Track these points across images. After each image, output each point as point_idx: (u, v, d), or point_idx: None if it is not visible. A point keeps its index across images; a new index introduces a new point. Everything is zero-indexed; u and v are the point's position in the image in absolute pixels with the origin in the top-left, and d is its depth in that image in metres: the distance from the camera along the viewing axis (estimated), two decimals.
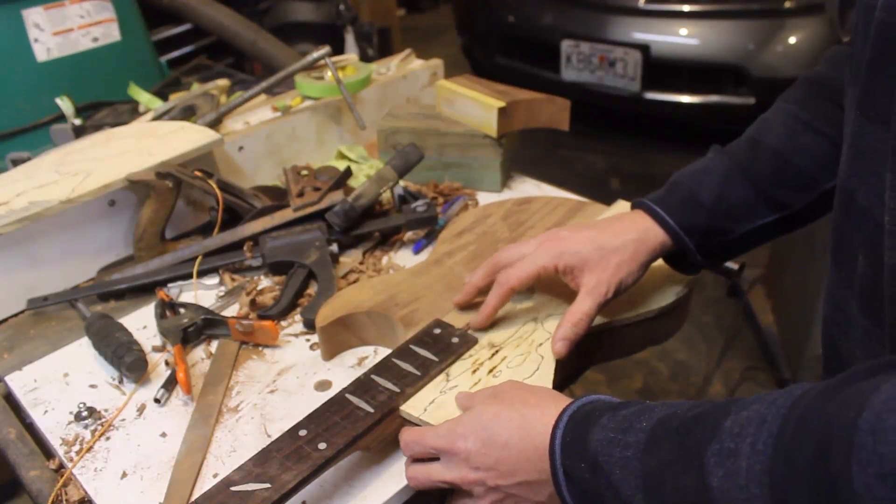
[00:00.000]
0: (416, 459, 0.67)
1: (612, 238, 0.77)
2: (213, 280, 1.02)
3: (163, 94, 1.52)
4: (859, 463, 0.38)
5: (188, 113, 1.30)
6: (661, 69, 3.22)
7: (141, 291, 1.01)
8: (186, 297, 1.00)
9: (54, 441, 0.78)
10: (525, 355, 0.77)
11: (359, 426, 0.67)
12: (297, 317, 0.95)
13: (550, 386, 0.72)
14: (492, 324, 0.82)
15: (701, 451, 0.47)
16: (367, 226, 1.07)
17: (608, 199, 1.07)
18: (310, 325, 0.91)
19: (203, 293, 1.01)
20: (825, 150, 0.77)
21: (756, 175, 0.78)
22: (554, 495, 0.58)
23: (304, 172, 1.13)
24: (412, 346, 0.77)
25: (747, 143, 0.82)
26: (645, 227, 0.78)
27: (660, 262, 0.82)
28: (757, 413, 0.45)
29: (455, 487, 0.64)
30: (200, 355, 0.90)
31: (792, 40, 3.03)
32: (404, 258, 1.06)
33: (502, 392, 0.65)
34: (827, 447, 0.40)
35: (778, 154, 0.78)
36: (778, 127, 0.80)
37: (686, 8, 3.16)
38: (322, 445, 0.64)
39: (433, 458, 0.66)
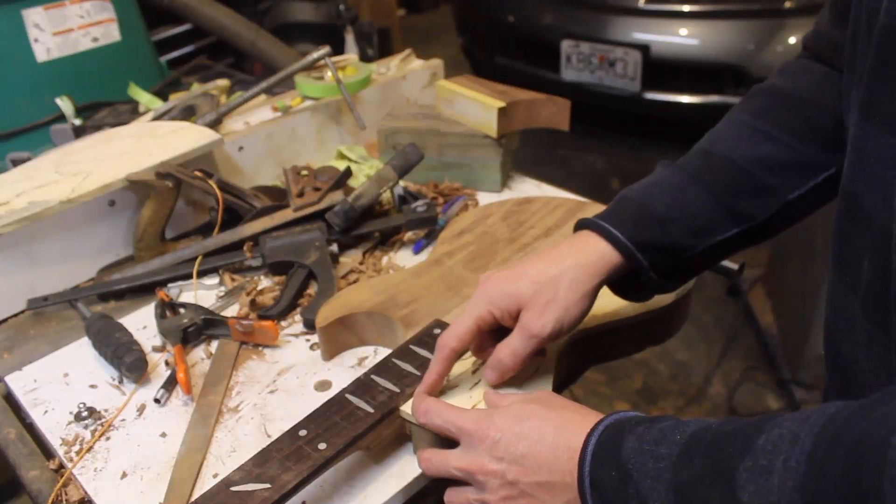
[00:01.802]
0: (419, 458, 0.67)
1: (546, 268, 0.68)
2: (213, 280, 1.02)
3: (163, 94, 1.53)
4: (891, 480, 0.38)
5: (188, 113, 1.30)
6: (661, 69, 3.22)
7: (141, 291, 1.01)
8: (186, 297, 1.00)
9: (54, 441, 0.78)
10: None
11: (359, 426, 0.67)
12: (297, 317, 0.95)
13: (550, 386, 0.72)
14: None
15: (732, 467, 0.47)
16: (367, 226, 1.07)
17: (608, 199, 1.07)
18: (310, 326, 0.91)
19: (203, 293, 1.01)
20: (786, 159, 0.71)
21: (713, 186, 0.71)
22: (570, 502, 0.57)
23: (304, 172, 1.13)
24: (412, 346, 0.77)
25: (699, 155, 0.74)
26: (588, 250, 0.69)
27: None
28: (790, 431, 0.45)
29: (466, 478, 0.62)
30: (200, 355, 0.90)
31: (792, 40, 3.03)
32: (404, 258, 1.06)
33: (540, 398, 0.64)
34: (859, 464, 0.40)
35: (734, 164, 0.72)
36: (732, 137, 0.74)
37: (686, 8, 3.16)
38: (322, 445, 0.64)
39: (449, 446, 0.64)
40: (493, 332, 0.72)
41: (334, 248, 1.03)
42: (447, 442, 0.66)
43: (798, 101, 0.74)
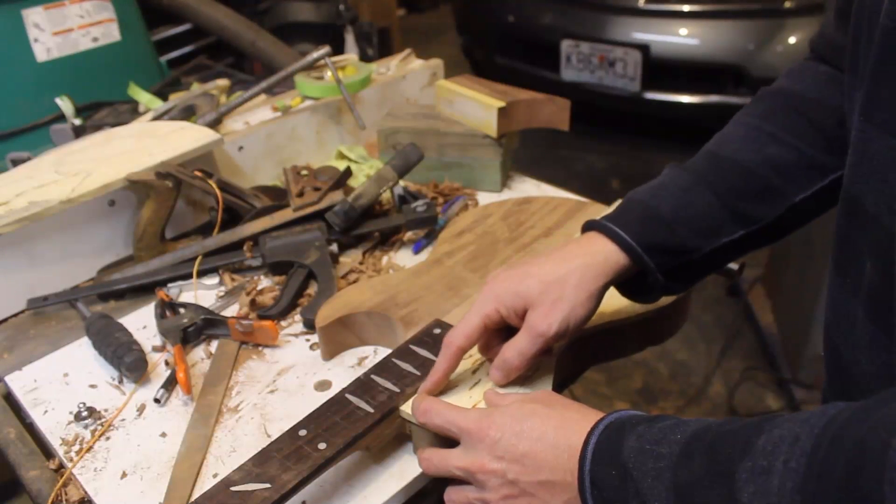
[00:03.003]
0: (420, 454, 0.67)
1: (553, 268, 0.68)
2: (213, 280, 1.02)
3: (163, 94, 1.53)
4: (891, 483, 0.38)
5: (188, 113, 1.30)
6: (661, 69, 3.22)
7: (141, 291, 1.01)
8: (186, 297, 1.00)
9: (54, 441, 0.78)
10: None
11: (359, 426, 0.67)
12: (297, 317, 0.95)
13: (550, 386, 0.72)
14: None
15: (733, 467, 0.47)
16: (367, 226, 1.07)
17: (608, 199, 1.07)
18: (310, 325, 0.91)
19: (203, 293, 1.01)
20: (792, 161, 0.71)
21: (719, 188, 0.71)
22: (571, 501, 0.57)
23: (304, 172, 1.13)
24: (412, 346, 0.77)
25: (706, 156, 0.75)
26: (595, 250, 0.70)
27: None
28: (790, 432, 0.45)
29: (466, 477, 0.62)
30: (200, 355, 0.90)
31: (792, 40, 3.03)
32: (404, 258, 1.06)
33: (540, 397, 0.64)
34: (859, 467, 0.40)
35: (741, 166, 0.72)
36: (739, 139, 0.74)
37: (686, 8, 3.16)
38: (322, 445, 0.64)
39: (449, 445, 0.64)
40: (500, 330, 0.72)
41: (334, 247, 1.03)
42: (447, 441, 0.66)
43: (804, 103, 0.74)
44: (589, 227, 0.73)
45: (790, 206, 0.72)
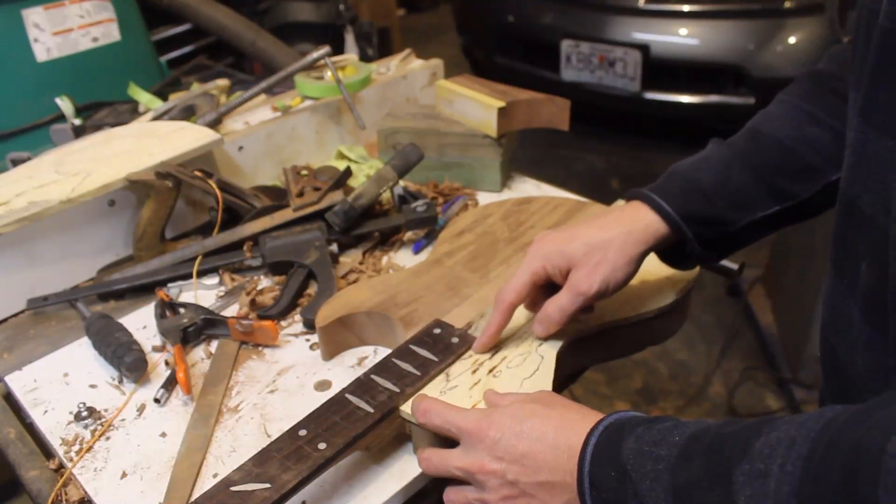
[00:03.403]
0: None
1: (597, 233, 0.73)
2: (213, 280, 1.02)
3: (163, 94, 1.52)
4: (886, 487, 0.38)
5: (188, 113, 1.30)
6: (661, 69, 3.22)
7: (141, 291, 1.01)
8: (186, 297, 1.00)
9: (54, 441, 0.78)
10: (525, 356, 0.76)
11: (359, 426, 0.67)
12: (297, 317, 0.95)
13: (550, 387, 0.72)
14: None
15: (730, 470, 0.47)
16: (367, 226, 1.07)
17: (608, 199, 1.07)
18: (310, 325, 0.91)
19: (203, 293, 1.01)
20: (829, 140, 0.74)
21: (757, 163, 0.75)
22: (570, 502, 0.57)
23: (304, 172, 1.13)
24: (412, 346, 0.77)
25: (748, 133, 0.79)
26: (637, 218, 0.74)
27: (660, 262, 0.82)
28: (787, 435, 0.46)
29: (466, 478, 0.63)
30: (200, 355, 0.90)
31: (792, 40, 3.03)
32: (404, 258, 1.06)
33: (540, 398, 0.65)
34: (855, 471, 0.40)
35: (780, 143, 0.75)
36: (780, 118, 0.78)
37: (686, 8, 3.16)
38: (322, 445, 0.64)
39: (449, 445, 0.65)
40: (544, 289, 0.77)
41: (334, 247, 1.03)
42: (447, 441, 0.66)
43: (844, 85, 0.75)
44: (632, 196, 0.77)
45: (825, 184, 0.74)
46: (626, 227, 0.74)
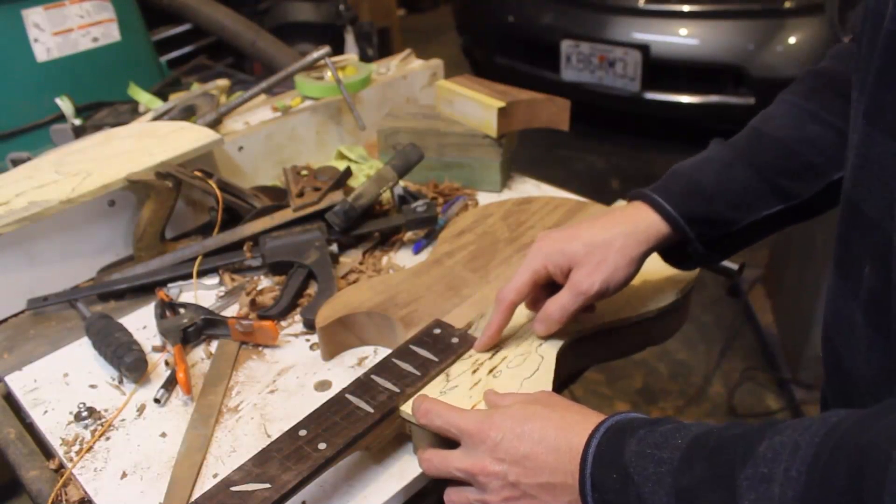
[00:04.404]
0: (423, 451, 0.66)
1: (599, 233, 0.73)
2: (213, 280, 1.02)
3: (163, 94, 1.53)
4: (892, 495, 0.38)
5: (188, 113, 1.30)
6: (661, 69, 3.22)
7: (141, 291, 1.01)
8: (186, 297, 1.00)
9: (54, 441, 0.78)
10: (525, 356, 0.76)
11: (359, 426, 0.67)
12: (297, 317, 0.95)
13: (550, 387, 0.72)
14: None
15: (734, 474, 0.47)
16: (367, 226, 1.07)
17: (608, 199, 1.07)
18: (310, 325, 0.91)
19: (203, 293, 1.01)
20: (832, 140, 0.74)
21: (760, 163, 0.75)
22: (572, 503, 0.57)
23: (304, 172, 1.13)
24: (412, 346, 0.77)
25: (750, 133, 0.78)
26: (639, 219, 0.74)
27: (661, 262, 0.82)
28: (791, 439, 0.45)
29: (467, 479, 0.63)
30: (200, 355, 0.90)
31: (792, 40, 3.03)
32: (404, 258, 1.06)
33: (541, 398, 0.64)
34: (860, 477, 0.40)
35: (782, 143, 0.75)
36: (782, 118, 0.77)
37: (686, 8, 3.16)
38: (322, 445, 0.64)
39: (449, 446, 0.65)
40: (545, 288, 0.77)
41: (334, 248, 1.03)
42: (447, 442, 0.66)
43: (847, 84, 0.75)
44: (634, 196, 0.77)
45: (828, 183, 0.74)
46: (628, 227, 0.73)
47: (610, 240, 0.73)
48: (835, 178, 0.74)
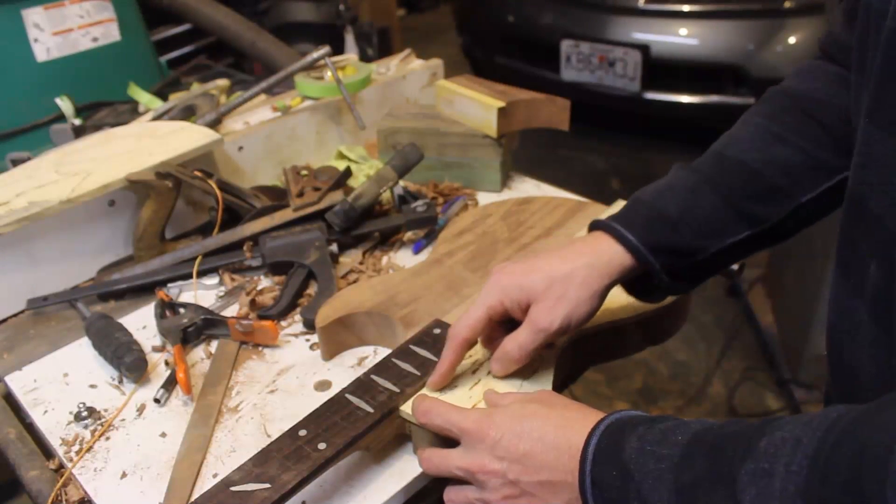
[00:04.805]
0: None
1: (559, 265, 0.69)
2: (213, 280, 1.02)
3: (163, 94, 1.53)
4: (894, 488, 0.38)
5: (188, 113, 1.30)
6: (661, 69, 3.22)
7: (141, 291, 1.01)
8: (186, 297, 1.00)
9: (54, 441, 0.78)
10: None
11: (359, 426, 0.67)
12: (297, 317, 0.95)
13: (550, 386, 0.72)
14: None
15: (734, 470, 0.47)
16: (367, 226, 1.07)
17: (608, 199, 1.07)
18: (310, 325, 0.91)
19: (203, 293, 1.01)
20: (798, 161, 0.71)
21: (724, 188, 0.71)
22: (572, 502, 0.57)
23: (304, 172, 1.13)
24: (412, 346, 0.77)
25: (712, 157, 0.75)
26: (601, 250, 0.70)
27: None
28: (792, 434, 0.45)
29: (466, 477, 0.63)
30: (200, 355, 0.90)
31: (792, 40, 3.03)
32: (404, 258, 1.06)
33: (540, 397, 0.64)
34: (861, 471, 0.40)
35: (746, 166, 0.72)
36: (746, 140, 0.74)
37: (686, 8, 3.16)
38: (322, 445, 0.64)
39: (449, 445, 0.64)
40: (502, 324, 0.73)
41: (334, 247, 1.03)
42: (447, 441, 0.66)
43: (812, 103, 0.74)
44: (595, 226, 0.73)
45: (796, 206, 0.71)
46: (589, 258, 0.69)
47: (571, 273, 0.68)
48: (802, 200, 0.71)
